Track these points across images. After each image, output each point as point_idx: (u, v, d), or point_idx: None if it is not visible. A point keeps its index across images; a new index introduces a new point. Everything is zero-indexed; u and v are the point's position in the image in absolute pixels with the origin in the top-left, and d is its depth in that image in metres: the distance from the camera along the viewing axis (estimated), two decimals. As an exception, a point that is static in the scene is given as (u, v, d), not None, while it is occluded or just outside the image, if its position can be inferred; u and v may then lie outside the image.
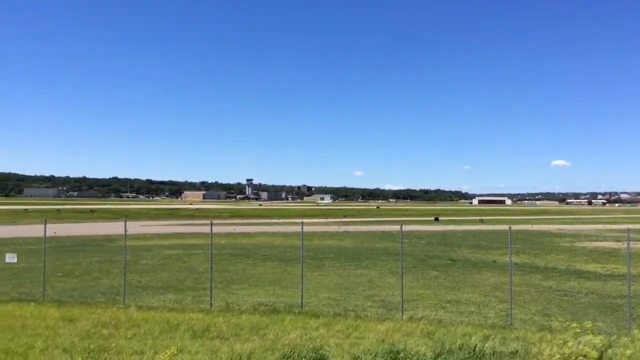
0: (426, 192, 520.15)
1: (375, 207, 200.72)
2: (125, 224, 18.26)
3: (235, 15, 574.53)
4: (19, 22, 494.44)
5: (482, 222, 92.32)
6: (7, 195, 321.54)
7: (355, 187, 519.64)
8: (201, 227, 65.59)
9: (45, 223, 18.32)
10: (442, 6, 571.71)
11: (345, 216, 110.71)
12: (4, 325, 12.21)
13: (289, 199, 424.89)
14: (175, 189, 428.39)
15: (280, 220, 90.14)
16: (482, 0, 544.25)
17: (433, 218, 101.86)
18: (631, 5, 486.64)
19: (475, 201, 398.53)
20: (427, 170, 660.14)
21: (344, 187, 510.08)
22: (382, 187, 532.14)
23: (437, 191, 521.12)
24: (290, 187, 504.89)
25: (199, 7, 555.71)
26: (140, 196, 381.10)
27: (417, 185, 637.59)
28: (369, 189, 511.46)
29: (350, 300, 17.28)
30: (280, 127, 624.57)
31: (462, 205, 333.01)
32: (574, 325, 8.80)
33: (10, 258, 18.31)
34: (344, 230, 62.60)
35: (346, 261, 29.72)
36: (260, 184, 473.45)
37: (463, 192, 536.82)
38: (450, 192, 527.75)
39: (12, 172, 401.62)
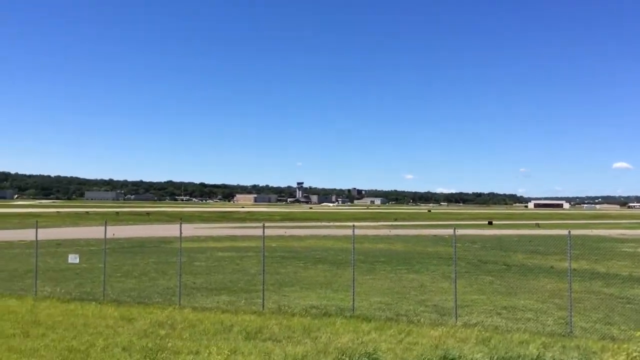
0: (479, 195, 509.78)
1: (426, 211, 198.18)
2: (180, 226, 18.71)
3: (287, 17, 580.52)
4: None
5: (538, 226, 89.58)
6: (69, 199, 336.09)
7: (405, 190, 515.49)
8: (253, 229, 66.47)
9: (106, 225, 18.97)
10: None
11: (396, 220, 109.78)
12: (67, 324, 12.73)
13: (339, 202, 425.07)
14: (227, 192, 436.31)
15: (331, 224, 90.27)
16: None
17: (486, 222, 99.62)
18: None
19: (531, 205, 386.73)
20: (480, 173, 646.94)
21: (395, 191, 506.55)
22: (433, 190, 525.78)
23: (491, 194, 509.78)
24: (340, 190, 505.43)
25: (251, 8, 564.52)
26: (194, 199, 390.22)
27: (469, 189, 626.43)
28: (420, 192, 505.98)
29: (402, 305, 17.09)
30: (331, 130, 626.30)
31: (517, 209, 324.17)
32: (638, 334, 8.41)
33: (73, 259, 19.09)
34: (395, 234, 62.06)
35: (397, 265, 29.44)
36: (310, 187, 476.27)
37: (518, 195, 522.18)
38: (505, 195, 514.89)
39: (74, 176, 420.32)
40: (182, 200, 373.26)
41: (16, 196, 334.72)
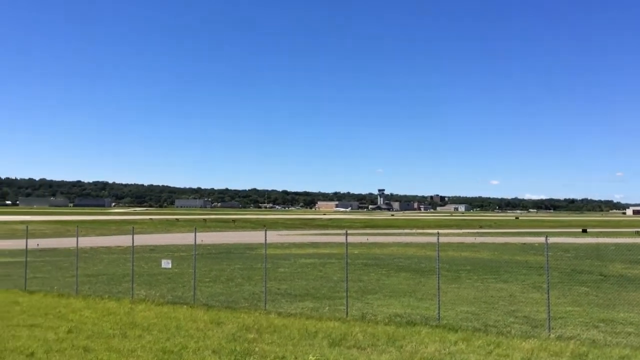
0: (572, 201, 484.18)
1: (513, 218, 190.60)
2: (265, 233, 19.15)
3: (376, 23, 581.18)
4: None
5: (638, 234, 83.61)
6: (161, 206, 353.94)
7: (491, 196, 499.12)
8: (334, 236, 66.82)
9: (195, 232, 19.79)
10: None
11: (481, 227, 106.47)
12: (161, 326, 13.35)
13: (422, 209, 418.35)
14: (309, 200, 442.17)
15: (413, 231, 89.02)
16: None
17: (580, 230, 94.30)
18: None
19: (629, 211, 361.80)
20: (573, 178, 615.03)
21: (479, 197, 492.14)
22: (520, 197, 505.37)
23: (584, 200, 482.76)
24: (423, 197, 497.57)
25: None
26: (277, 206, 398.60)
27: (560, 194, 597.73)
28: (507, 199, 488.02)
29: (491, 315, 16.50)
30: (412, 136, 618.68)
31: (614, 215, 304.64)
32: None
33: (166, 264, 20.03)
34: (481, 242, 60.16)
35: (484, 274, 28.49)
36: (392, 194, 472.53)
37: (615, 201, 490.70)
38: (600, 201, 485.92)
39: (165, 184, 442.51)
40: (266, 207, 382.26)
41: (113, 204, 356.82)
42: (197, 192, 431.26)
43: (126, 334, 12.27)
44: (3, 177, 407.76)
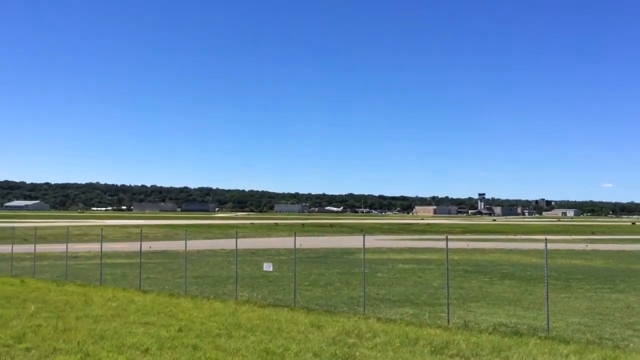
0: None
1: (629, 224, 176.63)
2: (363, 238, 19.16)
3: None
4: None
5: None
6: (261, 211, 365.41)
7: (603, 200, 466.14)
8: (433, 242, 65.51)
9: (295, 237, 20.20)
10: None
11: (592, 233, 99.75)
12: (264, 327, 13.74)
13: (526, 214, 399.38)
14: (406, 204, 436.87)
15: (517, 237, 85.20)
16: None
17: None
18: None
19: None
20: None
21: (590, 201, 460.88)
22: (637, 201, 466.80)
23: None
24: (527, 201, 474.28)
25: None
26: (374, 211, 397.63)
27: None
28: (621, 203, 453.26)
29: (605, 328, 15.37)
30: (513, 137, 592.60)
31: None
32: None
33: (267, 267, 20.63)
34: (593, 249, 56.36)
35: (597, 283, 26.64)
36: (493, 199, 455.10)
37: None
38: None
39: (265, 190, 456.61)
40: (362, 212, 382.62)
41: (217, 209, 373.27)
42: (295, 197, 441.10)
43: (231, 334, 12.74)
44: (119, 184, 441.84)
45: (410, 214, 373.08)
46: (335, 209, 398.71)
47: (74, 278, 25.54)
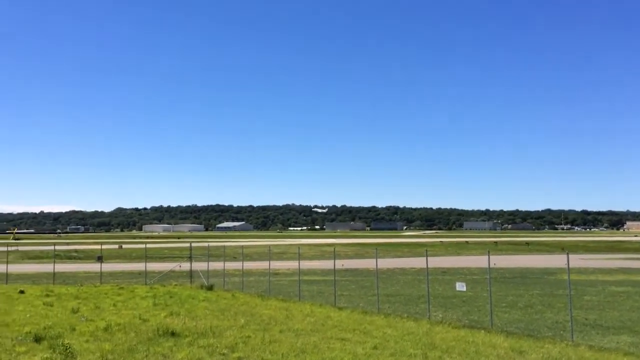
0: None
1: None
2: (567, 257, 17.53)
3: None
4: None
5: None
6: (450, 229, 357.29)
7: None
8: (652, 262, 57.52)
9: (489, 255, 19.29)
10: None
11: None
12: (460, 349, 13.25)
13: None
14: (615, 220, 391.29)
15: None
16: None
17: None
18: None
19: None
20: None
21: None
22: None
23: None
24: None
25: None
26: (576, 227, 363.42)
27: None
28: None
29: None
30: None
31: None
32: None
33: (460, 287, 19.97)
34: None
35: None
36: None
37: None
38: None
39: (453, 207, 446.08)
40: (562, 229, 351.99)
41: (405, 227, 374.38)
42: (485, 214, 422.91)
43: (427, 355, 12.51)
44: (312, 204, 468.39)
45: (621, 230, 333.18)
46: (529, 225, 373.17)
47: (276, 293, 27.49)
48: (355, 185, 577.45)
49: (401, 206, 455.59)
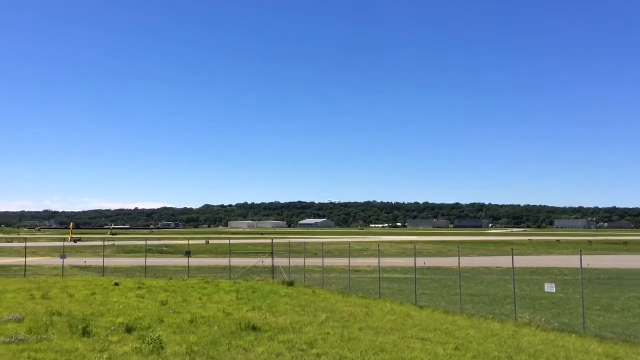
0: None
1: None
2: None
3: None
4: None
5: None
6: (539, 227, 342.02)
7: None
8: None
9: (581, 255, 18.17)
10: None
11: None
12: (549, 354, 12.57)
13: None
14: None
15: None
16: None
17: None
18: None
19: None
20: None
21: None
22: None
23: None
24: None
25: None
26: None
27: None
28: None
29: None
30: None
31: None
32: None
33: (550, 288, 18.96)
34: None
35: None
36: None
37: None
38: None
39: (543, 204, 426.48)
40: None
41: (490, 225, 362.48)
42: (579, 212, 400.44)
43: (512, 358, 11.99)
44: (394, 201, 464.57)
45: None
46: (627, 223, 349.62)
47: (356, 291, 27.43)
48: (438, 182, 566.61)
49: (487, 203, 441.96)
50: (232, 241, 56.76)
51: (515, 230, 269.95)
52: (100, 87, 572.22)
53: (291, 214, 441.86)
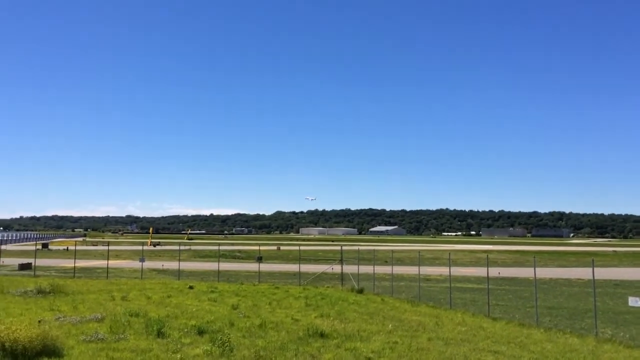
0: None
1: None
2: None
3: None
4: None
5: None
6: (625, 237, 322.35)
7: None
8: None
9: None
10: None
11: None
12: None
13: None
14: None
15: None
16: None
17: None
18: None
19: None
20: None
21: None
22: None
23: None
24: None
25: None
26: None
27: None
28: None
29: None
30: None
31: None
32: None
33: (634, 302, 17.81)
34: None
35: None
36: None
37: None
38: None
39: (630, 213, 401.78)
40: None
41: (572, 234, 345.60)
42: None
43: (591, 376, 11.32)
44: (467, 209, 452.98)
45: None
46: None
47: (426, 300, 26.91)
48: (514, 190, 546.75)
49: (567, 212, 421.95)
50: (302, 247, 57.30)
51: (598, 240, 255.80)
52: (184, 99, 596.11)
53: (362, 221, 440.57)
